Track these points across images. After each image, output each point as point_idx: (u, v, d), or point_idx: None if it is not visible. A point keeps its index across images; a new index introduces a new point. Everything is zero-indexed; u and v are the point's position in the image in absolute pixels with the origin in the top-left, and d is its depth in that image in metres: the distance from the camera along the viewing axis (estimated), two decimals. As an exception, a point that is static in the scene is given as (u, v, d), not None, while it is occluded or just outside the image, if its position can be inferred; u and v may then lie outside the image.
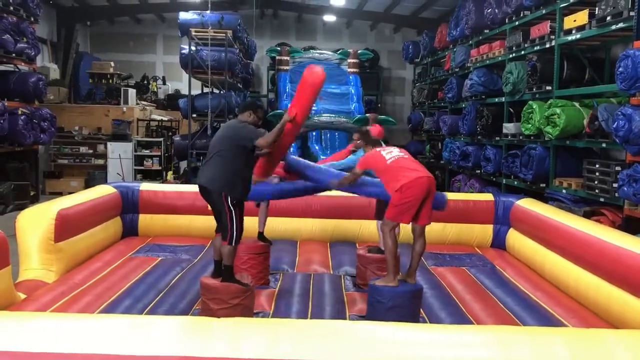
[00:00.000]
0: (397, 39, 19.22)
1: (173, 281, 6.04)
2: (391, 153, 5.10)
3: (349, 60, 15.13)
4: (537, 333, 3.22)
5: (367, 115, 13.78)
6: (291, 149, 12.96)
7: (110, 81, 15.48)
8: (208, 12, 12.68)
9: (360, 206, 7.49)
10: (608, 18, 7.05)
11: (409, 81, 19.11)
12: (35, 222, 5.91)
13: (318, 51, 15.85)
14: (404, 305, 4.69)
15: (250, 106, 5.08)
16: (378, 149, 5.27)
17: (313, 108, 13.90)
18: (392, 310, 4.63)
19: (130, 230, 7.91)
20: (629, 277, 4.80)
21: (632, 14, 6.59)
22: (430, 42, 15.36)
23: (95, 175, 13.99)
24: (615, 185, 6.71)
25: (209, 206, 5.08)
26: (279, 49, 15.40)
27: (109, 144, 14.23)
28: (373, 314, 4.74)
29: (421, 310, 5.25)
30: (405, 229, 7.71)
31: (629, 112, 6.21)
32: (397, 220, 4.90)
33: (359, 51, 15.59)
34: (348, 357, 2.90)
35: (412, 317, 4.71)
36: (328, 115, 13.62)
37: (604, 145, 7.36)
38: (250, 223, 6.43)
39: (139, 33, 18.69)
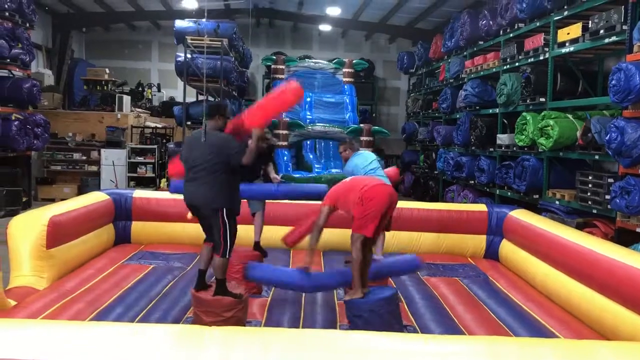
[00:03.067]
0: (392, 49, 19.31)
1: (165, 289, 6.01)
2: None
3: (344, 70, 15.18)
4: (527, 344, 3.22)
5: (361, 125, 13.83)
6: (285, 158, 13.02)
7: (105, 88, 15.46)
8: (204, 20, 12.70)
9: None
10: (601, 32, 7.11)
11: (404, 91, 19.20)
12: (27, 228, 5.88)
13: (313, 60, 15.89)
14: (381, 314, 4.65)
15: (215, 111, 4.90)
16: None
17: (308, 117, 13.99)
18: (370, 321, 4.59)
19: (122, 238, 7.87)
20: (621, 289, 4.82)
21: (624, 28, 6.66)
22: (425, 53, 15.44)
23: (88, 182, 13.93)
24: (607, 197, 6.74)
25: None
26: (274, 57, 15.44)
27: (102, 150, 14.19)
28: (354, 329, 4.72)
29: (412, 321, 5.25)
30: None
31: (621, 125, 6.26)
32: (360, 232, 4.78)
33: (354, 61, 15.64)
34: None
35: (395, 321, 4.69)
36: (322, 124, 13.65)
37: (596, 157, 7.40)
38: (245, 232, 6.43)
39: (134, 40, 18.71)
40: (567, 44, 8.01)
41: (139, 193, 8.15)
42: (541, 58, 8.74)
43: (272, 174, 6.35)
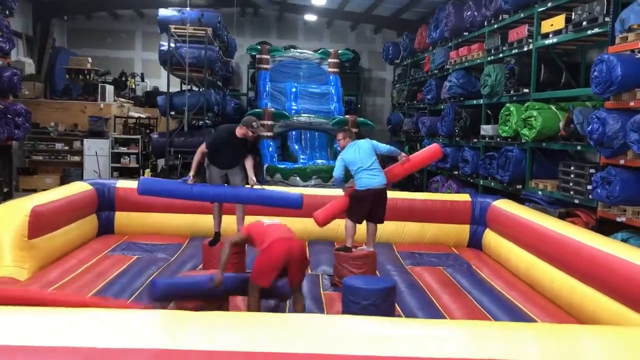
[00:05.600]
0: (378, 39, 19.30)
1: (148, 280, 5.98)
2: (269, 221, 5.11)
3: (330, 60, 15.17)
4: (510, 328, 3.27)
5: (346, 116, 13.83)
6: (270, 149, 12.98)
7: (88, 77, 15.25)
8: (188, 9, 12.58)
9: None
10: (584, 23, 7.17)
11: (389, 82, 19.20)
12: (8, 218, 5.81)
13: (298, 50, 15.85)
14: (377, 304, 4.71)
15: None
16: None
17: (293, 107, 13.95)
18: (367, 308, 4.65)
19: (106, 228, 7.81)
20: (602, 277, 4.90)
21: (607, 19, 6.72)
22: (410, 44, 15.45)
23: (70, 172, 13.77)
24: (589, 187, 6.82)
25: None
26: (259, 47, 15.36)
27: (85, 140, 14.01)
28: (348, 313, 4.76)
29: (398, 309, 5.30)
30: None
31: (603, 116, 6.33)
32: (257, 282, 4.74)
33: (339, 51, 15.62)
34: (325, 351, 2.90)
35: (387, 314, 4.74)
36: (307, 115, 13.63)
37: (579, 147, 7.48)
38: (232, 221, 6.43)
39: (117, 29, 18.46)
40: (550, 35, 8.06)
41: (123, 183, 8.08)
42: (525, 49, 8.78)
43: (250, 172, 6.04)
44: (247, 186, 6.06)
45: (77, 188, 7.42)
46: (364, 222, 6.38)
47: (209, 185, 6.18)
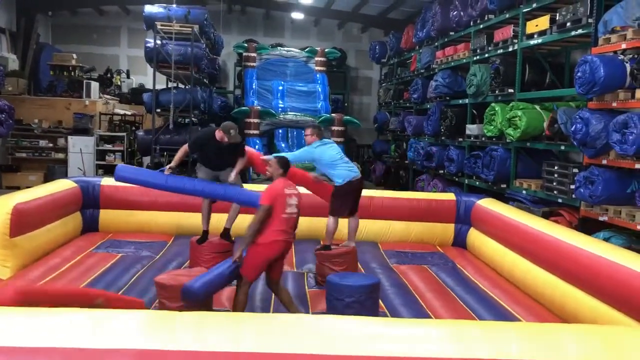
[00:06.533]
0: (365, 38, 19.32)
1: (133, 278, 5.95)
2: (292, 207, 4.92)
3: (317, 59, 15.14)
4: (492, 327, 3.30)
5: (332, 114, 13.83)
6: (257, 146, 12.93)
7: (72, 73, 15.09)
8: (174, 5, 12.50)
9: (324, 204, 7.50)
10: (568, 24, 7.24)
11: (376, 81, 19.25)
12: (-11, 216, 5.74)
13: (285, 49, 15.81)
14: (361, 301, 4.73)
15: None
16: (286, 191, 4.97)
17: (280, 105, 13.92)
18: (351, 306, 4.67)
19: (90, 226, 7.75)
20: (583, 276, 4.96)
21: (590, 21, 6.80)
22: (397, 43, 15.49)
23: (55, 170, 13.62)
24: (572, 186, 6.89)
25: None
26: (246, 45, 15.31)
27: (69, 137, 13.88)
28: (332, 310, 4.78)
29: (383, 306, 5.32)
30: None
31: (586, 116, 6.40)
32: (247, 276, 4.80)
33: (326, 50, 15.61)
34: (310, 351, 2.91)
35: (371, 311, 4.76)
36: (294, 113, 13.62)
37: (562, 147, 7.56)
38: (217, 220, 6.42)
39: (103, 25, 18.30)
40: (535, 36, 8.13)
41: (107, 181, 8.01)
42: (510, 49, 8.85)
43: (235, 170, 6.07)
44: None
45: (61, 185, 7.35)
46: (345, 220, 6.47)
47: (183, 178, 6.21)
